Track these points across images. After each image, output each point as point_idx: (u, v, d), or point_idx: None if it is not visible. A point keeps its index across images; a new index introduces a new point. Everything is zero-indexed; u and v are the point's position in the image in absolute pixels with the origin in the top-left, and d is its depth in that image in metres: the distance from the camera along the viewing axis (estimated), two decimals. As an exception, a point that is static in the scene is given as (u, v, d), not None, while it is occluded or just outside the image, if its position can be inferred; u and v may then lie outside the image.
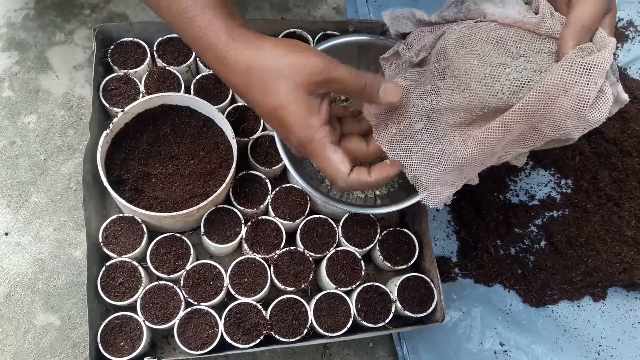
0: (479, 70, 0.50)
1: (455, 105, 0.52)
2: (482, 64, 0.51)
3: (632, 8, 0.96)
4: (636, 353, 0.76)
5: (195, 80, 0.75)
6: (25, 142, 0.77)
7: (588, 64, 0.46)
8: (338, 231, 0.71)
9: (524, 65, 0.50)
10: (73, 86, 0.81)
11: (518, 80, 0.49)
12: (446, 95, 0.53)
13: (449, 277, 0.78)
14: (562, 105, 0.47)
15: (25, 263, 0.72)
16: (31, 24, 0.83)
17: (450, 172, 0.55)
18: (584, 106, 0.47)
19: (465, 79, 0.51)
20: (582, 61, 0.47)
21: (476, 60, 0.51)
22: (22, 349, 0.68)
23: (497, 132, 0.50)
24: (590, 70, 0.46)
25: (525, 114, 0.48)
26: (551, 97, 0.47)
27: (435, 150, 0.55)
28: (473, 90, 0.51)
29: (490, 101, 0.50)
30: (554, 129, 0.49)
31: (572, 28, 0.49)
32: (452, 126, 0.54)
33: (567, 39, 0.48)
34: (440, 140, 0.55)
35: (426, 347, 0.74)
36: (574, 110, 0.47)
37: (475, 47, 0.52)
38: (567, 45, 0.48)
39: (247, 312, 0.66)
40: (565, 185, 0.83)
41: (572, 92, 0.47)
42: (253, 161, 0.73)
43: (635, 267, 0.77)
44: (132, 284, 0.66)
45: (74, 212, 0.74)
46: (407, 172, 0.58)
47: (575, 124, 0.48)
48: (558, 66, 0.47)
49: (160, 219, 0.66)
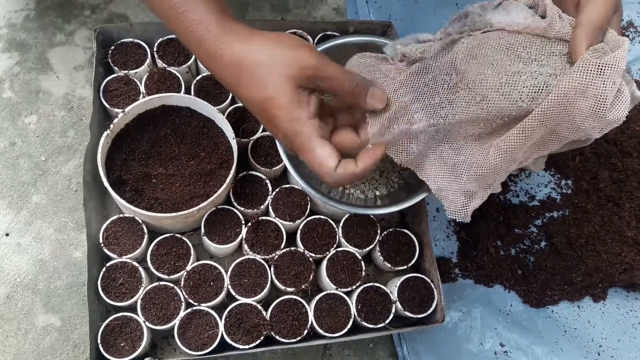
0: (494, 80, 0.50)
1: (473, 116, 0.52)
2: (497, 73, 0.50)
3: (632, 9, 0.96)
4: (636, 354, 0.76)
5: (195, 81, 0.75)
6: (26, 143, 0.77)
7: (604, 65, 0.46)
8: (338, 232, 0.71)
9: (538, 70, 0.50)
10: (73, 87, 0.81)
11: (535, 86, 0.49)
12: (461, 108, 0.52)
13: (449, 277, 0.78)
14: (581, 107, 0.47)
15: (26, 264, 0.72)
16: (32, 24, 0.83)
17: (474, 182, 0.55)
18: (603, 106, 0.47)
19: (481, 90, 0.51)
20: (598, 62, 0.46)
21: (490, 69, 0.51)
22: (23, 350, 0.68)
23: (518, 139, 0.49)
24: (607, 70, 0.46)
25: (545, 118, 0.48)
26: (570, 99, 0.47)
27: (458, 161, 0.55)
28: (491, 101, 0.50)
29: (510, 109, 0.50)
30: (574, 130, 0.49)
31: (584, 29, 0.49)
32: (473, 136, 0.53)
33: (580, 41, 0.48)
34: (462, 151, 0.55)
35: (426, 348, 0.74)
36: (593, 111, 0.47)
37: (487, 57, 0.51)
38: (581, 46, 0.48)
39: (247, 312, 0.66)
40: (566, 186, 0.83)
41: (590, 93, 0.46)
42: (253, 162, 0.73)
43: (636, 267, 0.77)
44: (132, 285, 0.66)
45: (75, 213, 0.74)
46: (431, 186, 0.57)
47: (595, 124, 0.48)
48: (574, 68, 0.47)
49: (160, 219, 0.66)
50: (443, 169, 0.56)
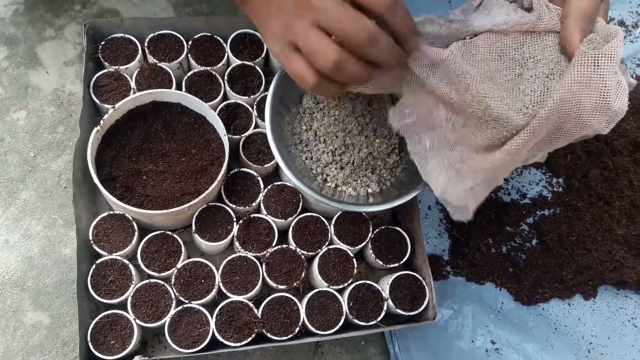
0: (495, 92, 0.50)
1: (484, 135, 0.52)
2: (496, 86, 0.50)
3: (623, 8, 0.96)
4: (626, 351, 0.77)
5: (186, 77, 0.74)
6: (15, 139, 0.76)
7: (603, 55, 0.46)
8: (330, 229, 0.71)
9: (534, 72, 0.50)
10: (63, 82, 0.80)
11: (535, 91, 0.49)
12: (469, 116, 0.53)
13: (441, 275, 0.78)
14: (585, 100, 0.47)
15: (15, 261, 0.71)
16: (21, 19, 0.82)
17: (480, 185, 0.54)
18: (607, 97, 0.46)
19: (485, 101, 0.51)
20: (596, 53, 0.46)
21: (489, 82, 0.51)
22: (11, 348, 0.68)
23: (524, 137, 0.49)
24: (607, 60, 0.46)
25: (551, 115, 0.48)
26: (574, 94, 0.47)
27: (465, 167, 0.54)
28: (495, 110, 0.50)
29: (516, 119, 0.49)
30: (581, 126, 0.49)
31: (574, 19, 0.48)
32: (482, 147, 0.53)
33: (573, 31, 0.48)
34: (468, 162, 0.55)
35: (418, 345, 0.74)
36: (598, 103, 0.47)
37: (481, 69, 0.51)
38: (574, 37, 0.48)
39: (238, 310, 0.65)
40: (557, 184, 0.83)
41: (594, 85, 0.46)
42: (245, 159, 0.72)
43: (626, 265, 0.77)
44: (122, 282, 0.65)
45: (64, 210, 0.74)
46: (435, 191, 0.57)
47: (601, 117, 0.48)
48: (574, 63, 0.47)
49: (151, 216, 0.66)
50: (449, 174, 0.56)
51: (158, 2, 0.86)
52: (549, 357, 0.75)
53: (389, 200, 0.68)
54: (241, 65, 0.75)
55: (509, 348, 0.75)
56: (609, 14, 0.95)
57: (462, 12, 0.56)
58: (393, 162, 0.73)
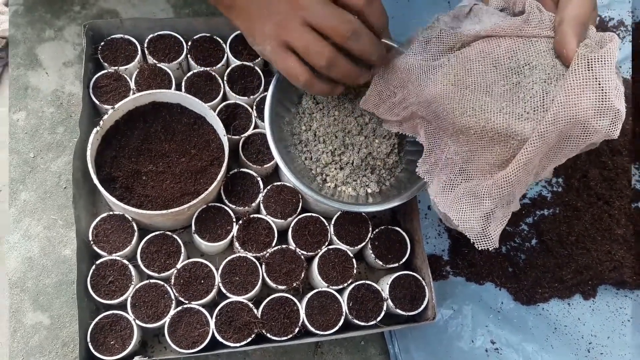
0: (494, 105, 0.50)
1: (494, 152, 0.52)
2: (495, 100, 0.50)
3: (622, 8, 0.96)
4: (625, 351, 0.77)
5: (186, 77, 0.74)
6: (14, 140, 0.76)
7: (601, 57, 0.46)
8: (330, 229, 0.71)
9: (532, 78, 0.50)
10: (63, 83, 0.80)
11: (534, 96, 0.49)
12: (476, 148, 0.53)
13: (441, 275, 0.78)
14: (588, 103, 0.47)
15: (14, 261, 0.71)
16: (20, 20, 0.82)
17: (499, 207, 0.54)
18: (609, 97, 0.47)
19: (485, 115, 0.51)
20: (594, 56, 0.47)
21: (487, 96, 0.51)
22: (11, 348, 0.68)
23: (535, 144, 0.49)
24: (606, 62, 0.46)
25: (557, 119, 0.47)
26: (577, 96, 0.47)
27: (481, 189, 0.54)
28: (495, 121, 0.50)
29: (519, 126, 0.49)
30: (588, 132, 0.48)
31: (570, 25, 0.49)
32: (495, 165, 0.53)
33: (569, 36, 0.48)
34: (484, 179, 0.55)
35: (417, 345, 0.74)
36: (600, 104, 0.47)
37: (478, 84, 0.52)
38: (571, 42, 0.48)
39: (238, 310, 0.65)
40: (556, 184, 0.83)
41: (595, 87, 0.47)
42: (244, 159, 0.72)
43: (625, 265, 0.77)
44: (122, 283, 0.65)
45: (64, 210, 0.74)
46: (456, 223, 0.56)
47: (604, 119, 0.48)
48: (574, 66, 0.47)
49: (150, 217, 0.66)
50: (468, 201, 0.55)
51: (157, 2, 0.86)
52: (548, 357, 0.75)
53: (389, 200, 0.68)
54: (241, 65, 0.75)
55: (508, 348, 0.75)
56: (609, 14, 0.96)
57: (452, 18, 0.57)
58: (392, 162, 0.73)
